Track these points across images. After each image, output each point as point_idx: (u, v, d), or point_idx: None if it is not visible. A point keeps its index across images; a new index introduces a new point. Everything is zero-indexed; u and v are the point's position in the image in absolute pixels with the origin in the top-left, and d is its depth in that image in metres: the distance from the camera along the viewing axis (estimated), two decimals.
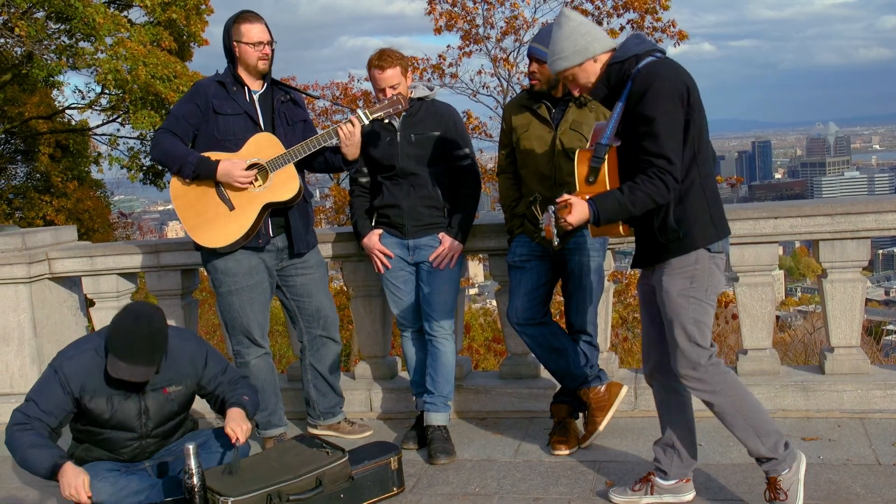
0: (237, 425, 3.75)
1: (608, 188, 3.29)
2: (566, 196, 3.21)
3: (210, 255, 4.35)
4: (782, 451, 3.34)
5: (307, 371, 4.71)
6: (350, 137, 4.27)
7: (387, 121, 4.35)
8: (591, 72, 3.35)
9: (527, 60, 4.25)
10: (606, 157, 3.31)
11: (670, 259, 3.29)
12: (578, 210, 3.18)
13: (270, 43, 4.33)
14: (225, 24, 4.36)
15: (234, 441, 3.72)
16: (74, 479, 3.49)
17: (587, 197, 3.23)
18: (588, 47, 3.31)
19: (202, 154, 4.24)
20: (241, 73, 4.35)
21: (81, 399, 3.69)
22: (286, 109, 4.46)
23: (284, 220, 4.42)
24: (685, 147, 3.20)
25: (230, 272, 4.34)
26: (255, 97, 4.38)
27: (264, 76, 4.40)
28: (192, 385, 3.90)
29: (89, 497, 3.49)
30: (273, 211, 4.34)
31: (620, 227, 3.34)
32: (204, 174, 4.22)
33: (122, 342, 3.58)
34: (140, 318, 3.62)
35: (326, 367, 4.68)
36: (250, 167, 4.25)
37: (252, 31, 4.28)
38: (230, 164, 4.20)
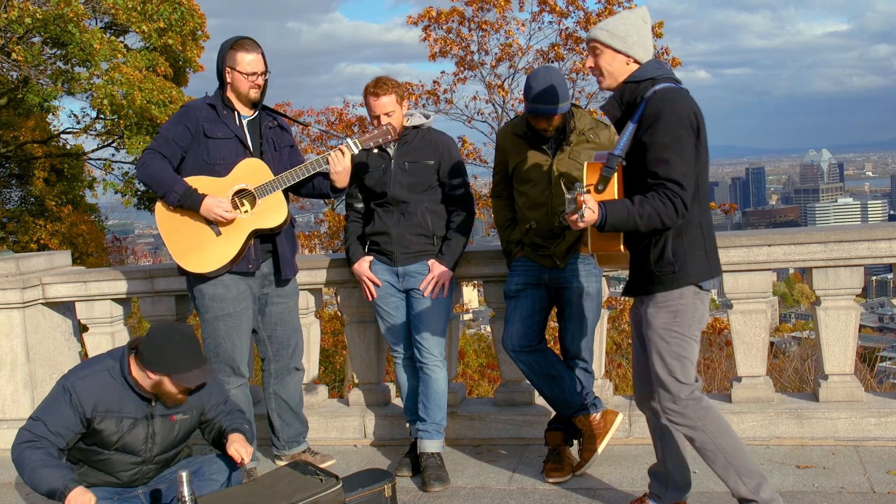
0: (241, 446, 3.76)
1: (615, 198, 3.25)
2: (581, 196, 3.10)
3: (197, 280, 4.33)
4: (763, 496, 3.31)
5: (271, 399, 4.67)
6: (339, 165, 4.28)
7: (376, 151, 4.37)
8: (615, 66, 3.30)
9: (521, 87, 4.25)
10: (617, 168, 3.27)
11: (658, 292, 3.29)
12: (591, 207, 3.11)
13: (264, 73, 4.32)
14: (221, 45, 4.32)
15: (238, 462, 3.74)
16: (81, 495, 3.44)
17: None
18: (632, 45, 3.26)
19: (188, 180, 4.22)
20: (232, 98, 4.34)
21: (93, 419, 3.65)
22: (274, 135, 4.46)
23: (272, 245, 4.41)
24: None
25: (218, 298, 4.32)
26: (245, 122, 4.38)
27: (255, 103, 4.39)
28: (197, 414, 3.87)
29: None
30: (260, 237, 4.34)
31: (621, 245, 3.30)
32: (188, 206, 4.22)
33: (174, 354, 3.56)
34: (171, 327, 3.68)
35: (291, 395, 4.66)
36: (238, 192, 4.25)
37: (246, 61, 4.25)
38: (214, 202, 4.19)
